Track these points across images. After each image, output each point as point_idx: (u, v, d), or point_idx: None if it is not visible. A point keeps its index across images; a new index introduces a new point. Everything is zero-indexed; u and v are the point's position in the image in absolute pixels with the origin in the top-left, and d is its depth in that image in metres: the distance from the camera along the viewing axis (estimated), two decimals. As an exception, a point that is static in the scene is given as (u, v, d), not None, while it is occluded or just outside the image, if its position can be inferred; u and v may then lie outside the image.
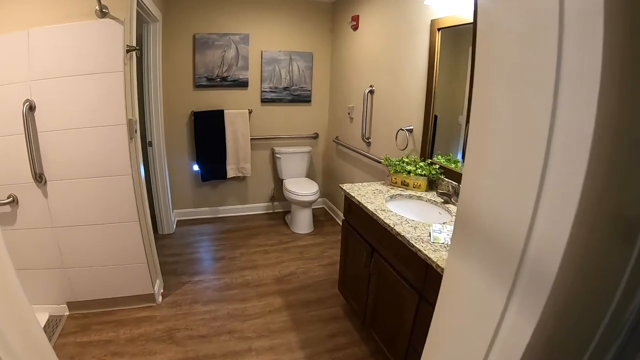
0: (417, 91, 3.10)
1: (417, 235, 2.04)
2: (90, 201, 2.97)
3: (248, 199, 5.41)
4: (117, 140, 2.84)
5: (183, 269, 3.96)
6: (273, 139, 5.15)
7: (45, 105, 2.74)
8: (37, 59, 2.67)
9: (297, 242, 4.55)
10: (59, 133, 2.80)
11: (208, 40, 4.59)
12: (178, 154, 4.93)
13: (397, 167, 2.92)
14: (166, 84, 4.51)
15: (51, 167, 2.86)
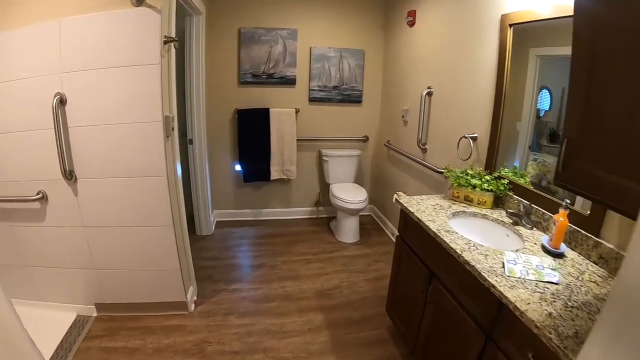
0: (483, 94, 2.77)
1: (488, 265, 1.73)
2: (121, 202, 2.83)
3: (292, 203, 5.18)
4: (152, 138, 2.66)
5: (220, 275, 3.76)
6: (320, 141, 4.90)
7: (76, 98, 2.61)
8: (68, 50, 2.54)
9: (342, 252, 4.27)
10: (90, 129, 2.66)
11: (254, 35, 4.39)
12: (220, 153, 4.78)
13: (461, 180, 2.60)
14: (209, 79, 4.37)
15: (82, 164, 2.75)
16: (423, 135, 3.70)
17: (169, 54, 2.73)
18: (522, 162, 2.54)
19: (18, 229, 2.99)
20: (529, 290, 1.55)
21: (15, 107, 2.71)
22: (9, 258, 3.12)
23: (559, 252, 1.88)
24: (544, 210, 2.19)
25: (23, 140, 2.76)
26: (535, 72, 2.39)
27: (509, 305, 1.50)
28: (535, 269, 1.70)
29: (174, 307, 3.18)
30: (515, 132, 2.56)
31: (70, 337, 2.91)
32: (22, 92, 2.66)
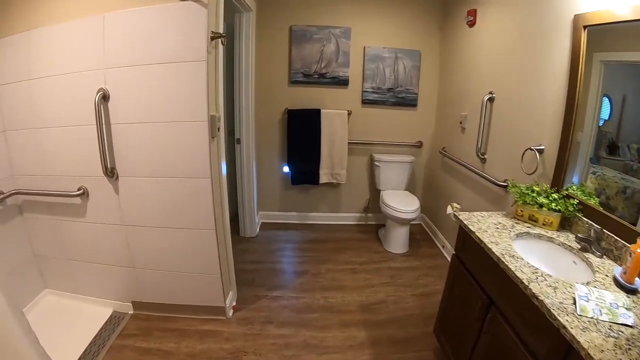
0: (552, 102, 2.50)
1: (558, 301, 1.51)
2: (162, 202, 2.79)
3: (340, 208, 5.04)
4: (197, 138, 2.57)
5: (261, 280, 3.66)
6: (372, 145, 4.72)
7: (119, 95, 2.58)
8: (112, 45, 2.53)
9: (389, 262, 4.06)
10: (132, 126, 2.62)
11: (306, 33, 4.28)
12: (268, 154, 4.71)
13: (527, 197, 2.34)
14: (259, 78, 4.29)
15: (123, 162, 2.76)
16: (483, 144, 3.45)
17: (216, 51, 2.63)
18: (582, 176, 2.29)
19: (60, 222, 3.06)
20: (603, 334, 1.33)
21: (58, 102, 2.73)
22: (51, 250, 3.20)
23: (633, 288, 1.63)
24: (617, 238, 1.92)
25: (66, 135, 2.79)
26: (600, 78, 2.16)
27: (580, 351, 1.28)
28: (609, 307, 1.47)
29: (211, 311, 3.12)
30: (576, 143, 2.31)
31: (104, 333, 2.95)
32: (66, 87, 2.68)
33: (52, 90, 2.71)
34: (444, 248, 4.25)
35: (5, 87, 2.84)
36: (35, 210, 3.08)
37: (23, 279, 3.19)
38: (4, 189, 2.93)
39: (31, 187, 2.99)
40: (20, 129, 2.89)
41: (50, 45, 2.63)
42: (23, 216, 3.11)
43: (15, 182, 3.01)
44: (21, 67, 2.74)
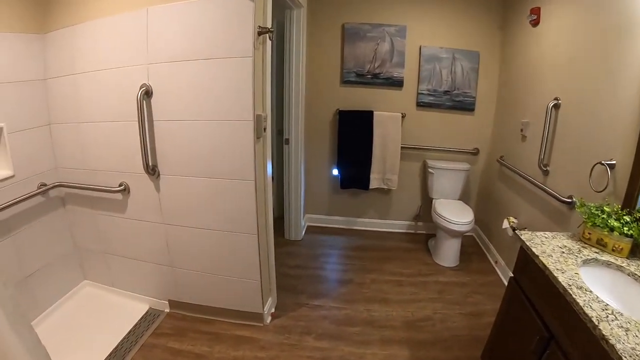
0: (628, 110, 2.20)
1: (630, 347, 1.28)
2: (203, 203, 2.75)
3: (389, 215, 4.85)
4: (241, 138, 2.48)
5: (303, 286, 3.55)
6: (426, 150, 4.50)
7: (161, 91, 2.56)
8: (155, 40, 2.51)
9: (437, 276, 3.84)
10: (175, 124, 2.59)
11: (359, 31, 4.13)
12: (317, 155, 4.60)
13: (597, 219, 2.07)
14: (310, 77, 4.20)
15: (165, 160, 2.75)
16: (546, 154, 3.16)
17: (263, 47, 2.52)
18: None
19: (100, 216, 3.13)
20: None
21: (101, 97, 2.75)
22: (91, 243, 3.30)
23: None
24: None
25: (108, 130, 2.83)
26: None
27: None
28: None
29: (249, 317, 3.04)
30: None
31: (138, 329, 2.97)
32: (109, 82, 2.70)
33: (95, 85, 2.73)
34: (497, 264, 3.98)
35: (52, 81, 2.90)
36: (77, 203, 3.15)
37: (64, 268, 3.27)
38: (47, 181, 3.01)
39: (74, 181, 3.07)
40: (64, 123, 2.95)
41: (95, 39, 2.65)
42: (65, 208, 3.20)
43: (59, 175, 3.10)
44: (66, 61, 2.79)
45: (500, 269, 3.87)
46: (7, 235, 2.71)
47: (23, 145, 2.81)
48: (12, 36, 2.63)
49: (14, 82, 2.68)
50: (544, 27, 3.32)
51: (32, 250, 2.95)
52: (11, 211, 2.69)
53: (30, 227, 2.92)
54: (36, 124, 2.88)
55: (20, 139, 2.78)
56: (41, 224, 3.01)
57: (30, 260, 2.93)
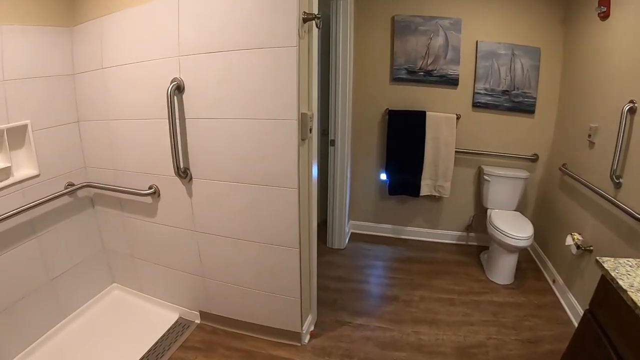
0: None
1: None
2: (239, 211, 2.61)
3: (439, 224, 4.61)
4: (283, 140, 2.29)
5: (345, 302, 3.37)
6: (481, 155, 4.22)
7: (194, 86, 2.43)
8: (187, 30, 2.35)
9: (491, 295, 3.57)
10: (209, 122, 2.45)
11: (410, 24, 3.90)
12: (363, 158, 4.42)
13: None
14: (357, 73, 4.02)
15: (198, 162, 2.59)
16: (619, 165, 2.81)
17: (309, 36, 2.30)
18: None
19: (129, 219, 3.09)
20: None
21: (130, 92, 2.70)
22: (119, 246, 3.27)
23: None
24: None
25: (137, 128, 2.73)
26: None
27: None
28: None
29: (285, 335, 2.87)
30: None
31: (166, 340, 2.90)
32: (138, 76, 2.60)
33: (124, 80, 2.65)
34: (554, 283, 3.67)
35: (80, 76, 2.85)
36: (106, 204, 3.11)
37: (92, 270, 3.28)
38: (75, 181, 2.98)
39: (102, 181, 3.04)
40: (93, 120, 2.88)
41: (123, 31, 2.59)
42: (95, 209, 3.18)
43: (88, 175, 3.08)
44: (95, 55, 2.74)
45: (558, 288, 3.56)
46: (31, 236, 2.69)
47: (50, 143, 2.77)
48: (38, 29, 2.59)
49: (40, 78, 2.65)
50: (615, 20, 2.98)
51: (59, 251, 2.92)
52: (36, 212, 2.67)
53: (57, 228, 2.89)
54: (64, 121, 2.85)
55: (47, 137, 2.74)
56: (69, 224, 2.99)
57: (56, 262, 2.90)
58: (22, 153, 2.66)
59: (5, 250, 2.52)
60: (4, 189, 2.48)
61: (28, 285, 2.69)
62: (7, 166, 2.51)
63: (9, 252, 2.54)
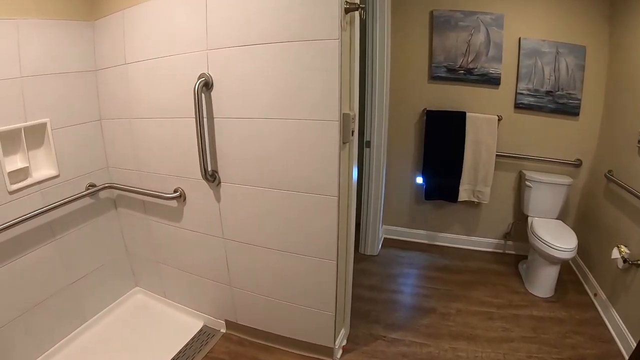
0: None
1: None
2: (272, 219, 2.46)
3: (476, 231, 4.45)
4: (323, 142, 2.13)
5: (378, 313, 3.25)
6: (522, 160, 4.04)
7: (224, 82, 2.33)
8: (216, 20, 2.21)
9: (531, 309, 3.40)
10: (240, 122, 2.33)
11: (450, 20, 3.74)
12: (399, 160, 4.30)
13: None
14: (393, 71, 3.84)
15: (227, 164, 2.47)
16: None
17: (351, 28, 2.14)
18: None
19: (153, 223, 3.02)
20: None
21: (154, 89, 2.59)
22: (143, 250, 3.23)
23: None
24: None
25: (162, 128, 2.65)
26: None
27: None
28: None
29: (316, 350, 2.76)
30: None
31: (190, 349, 2.84)
32: (162, 72, 2.51)
33: (148, 76, 2.60)
34: (596, 297, 3.47)
35: (102, 73, 2.80)
36: (130, 206, 3.08)
37: (115, 273, 3.25)
38: (97, 182, 2.94)
39: (125, 182, 2.98)
40: (116, 118, 2.82)
41: (147, 23, 2.49)
42: (117, 211, 3.15)
43: (110, 176, 3.05)
44: (117, 50, 2.72)
45: (600, 303, 3.37)
46: (50, 239, 2.65)
47: (70, 142, 2.73)
48: (57, 23, 2.54)
49: (60, 74, 2.61)
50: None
51: (80, 254, 2.90)
52: (55, 213, 2.63)
53: (78, 231, 2.86)
54: (85, 119, 2.80)
55: (67, 136, 2.70)
56: (90, 227, 2.96)
57: (77, 265, 2.88)
58: (41, 153, 2.61)
59: (22, 253, 2.48)
60: (22, 190, 2.45)
61: (47, 289, 2.66)
62: (25, 166, 2.46)
63: (26, 256, 2.51)
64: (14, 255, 2.44)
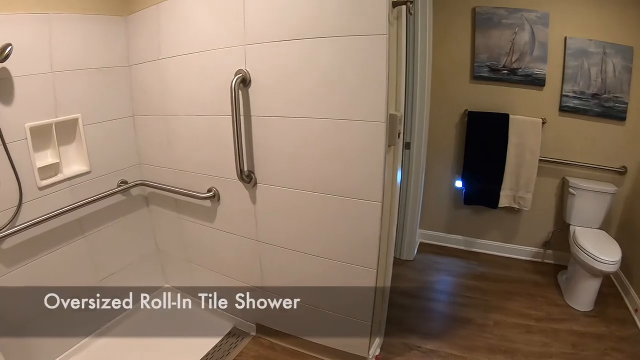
0: None
1: None
2: (308, 224, 2.44)
3: (515, 238, 4.34)
4: (366, 145, 2.08)
5: (413, 322, 3.20)
6: (565, 165, 3.91)
7: (262, 79, 2.26)
8: (254, 14, 2.19)
9: (571, 323, 3.30)
10: (278, 121, 2.29)
11: (493, 17, 3.65)
12: (438, 163, 4.22)
13: None
14: (434, 69, 3.75)
15: (264, 165, 2.45)
16: None
17: (398, 23, 2.06)
18: None
19: (185, 222, 3.03)
20: None
21: (189, 85, 2.59)
22: (173, 248, 3.27)
23: None
24: None
25: (196, 125, 2.65)
26: None
27: None
28: None
29: (348, 358, 2.71)
30: None
31: (218, 351, 2.86)
32: (197, 67, 2.51)
33: (182, 72, 2.59)
34: (637, 312, 3.36)
35: (136, 68, 2.83)
36: (161, 204, 3.14)
37: (145, 270, 3.29)
38: (129, 179, 2.98)
39: (158, 180, 2.99)
40: (149, 115, 2.83)
41: (182, 17, 2.50)
42: (149, 208, 3.18)
43: (143, 172, 3.15)
44: (151, 45, 2.68)
45: None
46: (79, 235, 2.70)
47: (102, 138, 2.77)
48: (89, 18, 2.57)
49: (92, 69, 2.64)
50: None
51: (110, 251, 2.96)
52: (85, 210, 2.67)
53: (108, 228, 2.91)
54: (117, 115, 2.84)
55: (99, 132, 2.74)
56: (121, 224, 3.01)
57: (106, 262, 2.94)
58: (72, 148, 2.65)
59: (51, 249, 2.53)
60: (52, 186, 2.48)
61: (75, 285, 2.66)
62: (56, 162, 2.49)
63: (55, 252, 2.56)
64: (42, 252, 2.49)
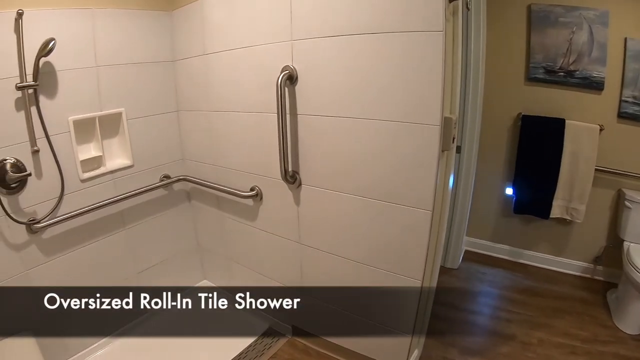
0: None
1: None
2: (354, 229, 2.39)
3: (564, 251, 4.18)
4: (418, 149, 2.01)
5: (454, 334, 3.15)
6: (622, 176, 3.73)
7: (310, 76, 2.24)
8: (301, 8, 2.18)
9: (617, 346, 3.15)
10: (324, 120, 2.26)
11: (549, 15, 3.52)
12: (488, 168, 4.10)
13: None
14: (487, 70, 3.64)
15: (310, 166, 2.44)
16: None
17: (454, 20, 1.98)
18: None
19: (226, 219, 3.10)
20: None
21: (233, 82, 2.63)
22: (213, 244, 3.37)
23: None
24: None
25: (240, 122, 2.69)
26: None
27: None
28: None
29: None
30: None
31: (252, 351, 2.92)
32: (243, 63, 2.54)
33: (227, 68, 2.64)
34: None
35: (180, 63, 2.90)
36: (203, 200, 3.20)
37: (184, 265, 3.39)
38: (171, 173, 3.08)
39: (201, 176, 3.07)
40: (193, 110, 2.88)
41: (227, 12, 2.53)
42: (191, 203, 3.28)
43: (185, 168, 3.18)
44: (196, 40, 2.76)
45: None
46: (120, 228, 2.81)
47: (146, 133, 2.86)
48: (134, 13, 2.66)
49: (137, 64, 2.73)
50: None
51: (150, 244, 3.06)
52: (127, 203, 2.77)
53: (149, 221, 3.02)
54: (161, 110, 2.93)
55: (143, 126, 2.83)
56: (162, 218, 3.11)
57: (146, 255, 3.05)
58: (116, 142, 2.75)
59: (91, 240, 2.65)
60: (94, 179, 2.59)
61: (114, 277, 2.78)
62: (99, 155, 2.56)
63: (95, 243, 2.68)
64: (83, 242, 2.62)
